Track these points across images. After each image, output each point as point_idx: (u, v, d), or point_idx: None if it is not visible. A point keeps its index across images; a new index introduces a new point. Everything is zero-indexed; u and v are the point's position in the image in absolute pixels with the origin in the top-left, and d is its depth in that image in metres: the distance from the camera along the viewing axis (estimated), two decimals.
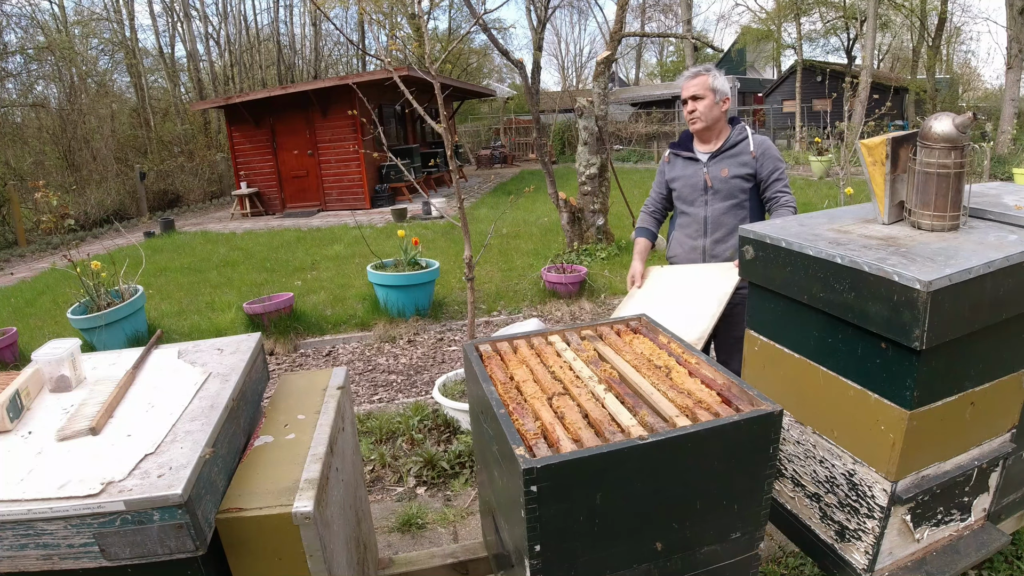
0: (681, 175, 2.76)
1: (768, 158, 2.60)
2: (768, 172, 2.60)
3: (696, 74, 2.64)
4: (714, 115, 2.62)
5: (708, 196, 2.67)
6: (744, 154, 2.63)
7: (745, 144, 2.65)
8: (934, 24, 21.11)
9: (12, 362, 4.91)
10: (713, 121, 2.63)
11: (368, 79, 11.14)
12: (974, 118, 1.49)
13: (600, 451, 1.18)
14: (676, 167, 2.80)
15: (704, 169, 2.67)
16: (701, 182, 2.68)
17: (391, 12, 20.99)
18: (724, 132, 2.69)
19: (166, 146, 18.49)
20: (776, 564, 2.25)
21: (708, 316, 2.34)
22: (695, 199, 2.71)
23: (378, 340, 5.30)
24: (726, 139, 2.67)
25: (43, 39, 17.17)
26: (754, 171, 2.61)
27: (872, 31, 16.33)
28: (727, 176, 2.63)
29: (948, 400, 1.46)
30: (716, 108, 2.61)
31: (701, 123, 2.63)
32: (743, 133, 2.67)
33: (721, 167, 2.64)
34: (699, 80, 2.61)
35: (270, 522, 1.22)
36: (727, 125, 2.70)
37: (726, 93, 2.64)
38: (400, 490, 2.99)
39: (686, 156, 2.75)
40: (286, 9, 25.98)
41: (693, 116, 2.64)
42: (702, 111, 2.61)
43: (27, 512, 1.05)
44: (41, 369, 1.46)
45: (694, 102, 2.62)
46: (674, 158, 2.83)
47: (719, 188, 2.64)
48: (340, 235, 9.92)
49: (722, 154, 2.66)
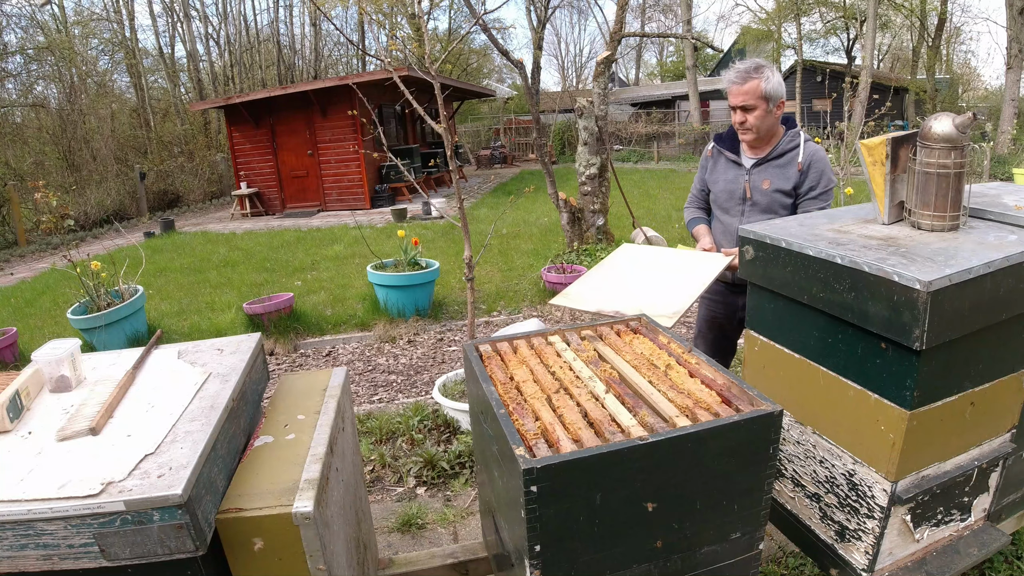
0: (721, 178, 2.48)
1: (813, 171, 2.29)
2: (808, 186, 2.29)
3: (746, 77, 2.23)
4: (768, 124, 2.29)
5: (746, 207, 2.39)
6: (791, 166, 2.31)
7: (794, 154, 2.32)
8: (934, 24, 21.13)
9: (12, 362, 4.91)
10: (767, 131, 2.32)
11: (368, 79, 11.15)
12: (974, 118, 1.49)
13: (600, 451, 1.18)
14: (718, 167, 2.51)
15: (745, 177, 2.39)
16: (740, 190, 2.40)
17: (391, 12, 20.98)
18: (776, 137, 2.36)
19: (166, 146, 18.49)
20: (776, 564, 2.25)
21: (687, 295, 2.14)
22: (731, 207, 2.44)
23: (378, 340, 5.29)
24: (775, 146, 2.35)
25: (43, 39, 17.17)
26: (796, 185, 2.32)
27: (872, 31, 16.33)
28: (768, 188, 2.34)
29: (948, 400, 1.46)
30: (770, 117, 2.27)
31: (752, 135, 2.31)
32: (795, 140, 2.34)
33: (763, 177, 2.35)
34: (750, 87, 2.22)
35: (270, 522, 1.22)
36: (780, 127, 2.37)
37: (781, 96, 2.26)
38: (400, 490, 2.99)
39: (730, 157, 2.46)
40: (286, 9, 25.98)
41: (744, 128, 2.31)
42: (754, 122, 2.27)
43: (27, 512, 1.05)
44: (41, 369, 1.46)
45: (743, 113, 2.27)
46: (717, 155, 2.52)
47: (758, 200, 2.36)
48: (340, 235, 9.92)
49: (768, 163, 2.36)
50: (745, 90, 2.22)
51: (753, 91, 2.22)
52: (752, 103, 2.23)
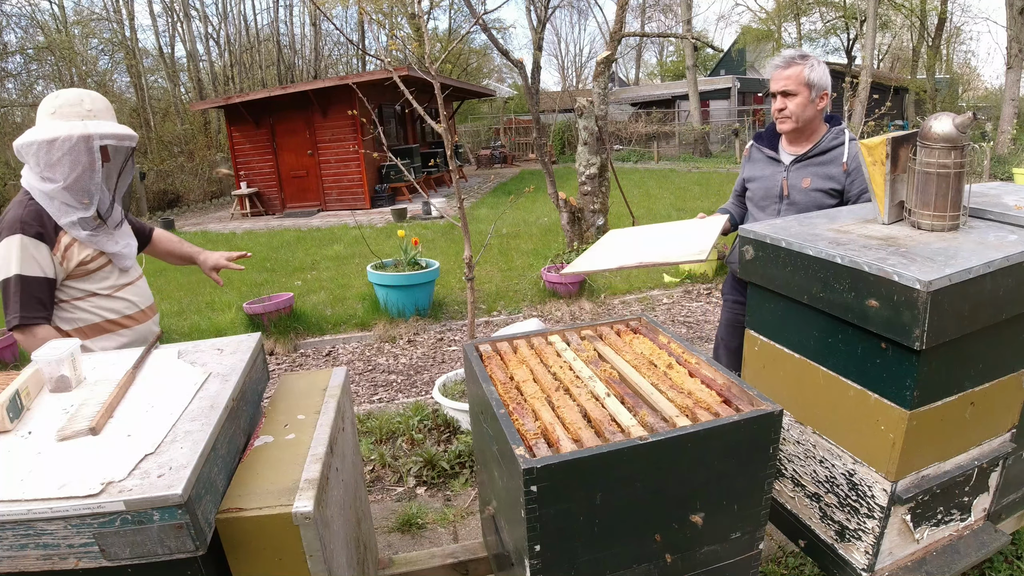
0: (759, 175, 2.38)
1: (862, 175, 2.15)
2: (858, 192, 2.18)
3: (789, 62, 2.17)
4: (808, 115, 2.20)
5: (782, 206, 2.28)
6: (834, 164, 2.20)
7: (838, 152, 2.21)
8: (934, 24, 21.14)
9: (12, 362, 4.91)
10: (806, 122, 2.21)
11: (368, 79, 11.15)
12: (974, 118, 1.49)
13: (600, 451, 1.18)
14: (756, 164, 2.41)
15: (783, 174, 2.29)
16: (777, 188, 2.29)
17: (391, 12, 20.99)
18: (817, 133, 2.27)
19: (166, 146, 18.50)
20: (776, 564, 2.26)
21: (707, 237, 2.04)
22: (767, 206, 2.33)
23: (378, 340, 5.30)
24: (816, 142, 2.25)
25: (43, 39, 17.17)
26: (842, 187, 2.19)
27: (872, 31, 16.33)
28: (808, 187, 2.23)
29: (948, 400, 1.46)
30: (811, 107, 2.18)
31: (791, 123, 2.21)
32: (839, 138, 2.23)
33: (803, 176, 2.24)
34: (793, 72, 2.15)
35: (270, 522, 1.22)
36: (823, 124, 2.28)
37: (825, 87, 2.18)
38: (400, 490, 2.99)
39: (768, 155, 2.36)
40: (286, 9, 25.99)
41: (783, 115, 2.22)
42: (794, 110, 2.18)
43: (27, 512, 1.05)
44: (41, 369, 1.46)
45: (784, 98, 2.19)
46: (755, 152, 2.42)
47: (796, 200, 2.25)
48: (340, 235, 9.92)
49: (808, 160, 2.25)
50: (788, 75, 2.16)
51: (796, 77, 2.15)
52: (794, 89, 2.16)
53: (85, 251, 1.91)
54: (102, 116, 1.91)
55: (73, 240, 1.89)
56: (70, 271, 1.89)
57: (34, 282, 1.82)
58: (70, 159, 1.81)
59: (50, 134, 1.80)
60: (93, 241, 1.92)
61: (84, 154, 1.82)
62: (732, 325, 2.58)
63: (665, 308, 5.79)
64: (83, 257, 1.90)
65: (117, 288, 2.01)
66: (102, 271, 1.97)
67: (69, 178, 1.82)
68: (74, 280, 1.91)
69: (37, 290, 1.82)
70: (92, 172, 1.85)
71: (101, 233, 1.95)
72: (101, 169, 1.87)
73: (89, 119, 1.86)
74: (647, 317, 1.84)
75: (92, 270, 1.94)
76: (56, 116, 1.85)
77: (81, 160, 1.82)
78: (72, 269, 1.89)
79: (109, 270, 1.99)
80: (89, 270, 1.93)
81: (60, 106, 1.86)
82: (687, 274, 6.37)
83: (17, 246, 1.80)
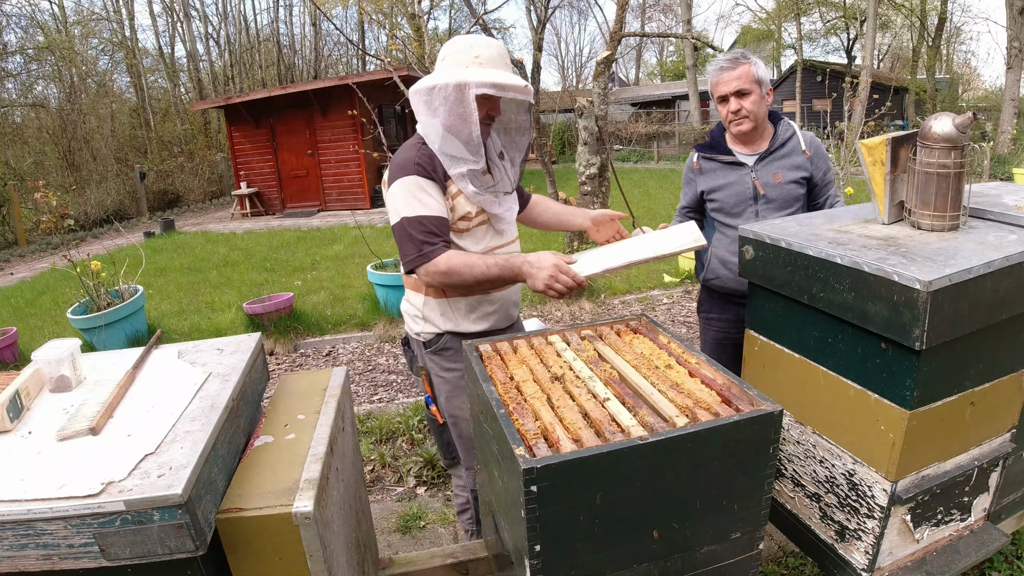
0: (723, 183, 2.31)
1: (821, 158, 2.26)
2: (822, 174, 2.26)
3: (736, 62, 2.16)
4: (763, 112, 2.20)
5: (759, 206, 2.26)
6: (796, 154, 2.25)
7: (795, 142, 2.26)
8: (934, 24, 21.14)
9: (12, 362, 4.91)
10: (762, 119, 2.22)
11: (368, 79, 11.15)
12: (974, 118, 1.49)
13: (600, 451, 1.18)
14: (713, 175, 2.34)
15: (752, 174, 2.26)
16: (749, 190, 2.26)
17: (391, 12, 20.98)
18: (768, 130, 2.29)
19: (166, 146, 18.51)
20: (776, 564, 2.26)
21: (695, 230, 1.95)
22: (743, 211, 2.28)
23: (378, 340, 5.29)
24: (773, 138, 2.27)
25: (43, 39, 17.18)
26: (809, 174, 2.25)
27: (872, 31, 16.33)
28: (781, 181, 2.23)
29: (948, 400, 1.46)
30: (763, 103, 2.19)
31: (749, 123, 2.19)
32: (790, 129, 2.29)
33: (772, 171, 2.24)
34: (743, 71, 2.14)
35: (270, 522, 1.22)
36: (768, 121, 2.29)
37: (768, 83, 2.21)
38: (400, 490, 2.99)
39: (725, 160, 2.31)
40: (286, 9, 25.99)
41: (739, 116, 2.19)
42: (751, 108, 2.16)
43: (27, 512, 1.05)
44: (41, 369, 1.46)
45: (739, 99, 2.16)
46: (706, 163, 2.36)
47: (773, 196, 2.24)
48: (340, 235, 9.92)
49: (771, 155, 2.25)
50: (738, 74, 2.14)
51: (747, 75, 2.14)
52: (747, 87, 2.15)
53: (468, 206, 1.86)
54: (491, 64, 1.80)
55: (459, 192, 1.84)
56: (453, 222, 1.84)
57: (428, 220, 1.77)
58: (445, 108, 1.76)
59: (431, 81, 1.77)
60: (479, 200, 1.86)
61: (458, 104, 1.75)
62: (718, 343, 2.50)
63: (665, 308, 5.79)
64: (466, 212, 1.86)
65: (490, 250, 1.94)
66: (479, 229, 1.91)
67: (447, 126, 1.77)
68: (452, 234, 1.86)
69: (432, 226, 1.77)
70: (466, 123, 1.77)
71: (488, 193, 1.88)
72: (477, 121, 1.77)
73: (474, 66, 1.78)
74: (647, 317, 1.84)
75: (471, 227, 1.89)
76: (446, 62, 1.82)
77: (456, 110, 1.76)
78: (455, 220, 1.85)
79: (485, 230, 1.93)
80: (469, 227, 1.88)
81: (451, 53, 1.82)
82: (687, 274, 6.37)
83: (414, 186, 1.77)
